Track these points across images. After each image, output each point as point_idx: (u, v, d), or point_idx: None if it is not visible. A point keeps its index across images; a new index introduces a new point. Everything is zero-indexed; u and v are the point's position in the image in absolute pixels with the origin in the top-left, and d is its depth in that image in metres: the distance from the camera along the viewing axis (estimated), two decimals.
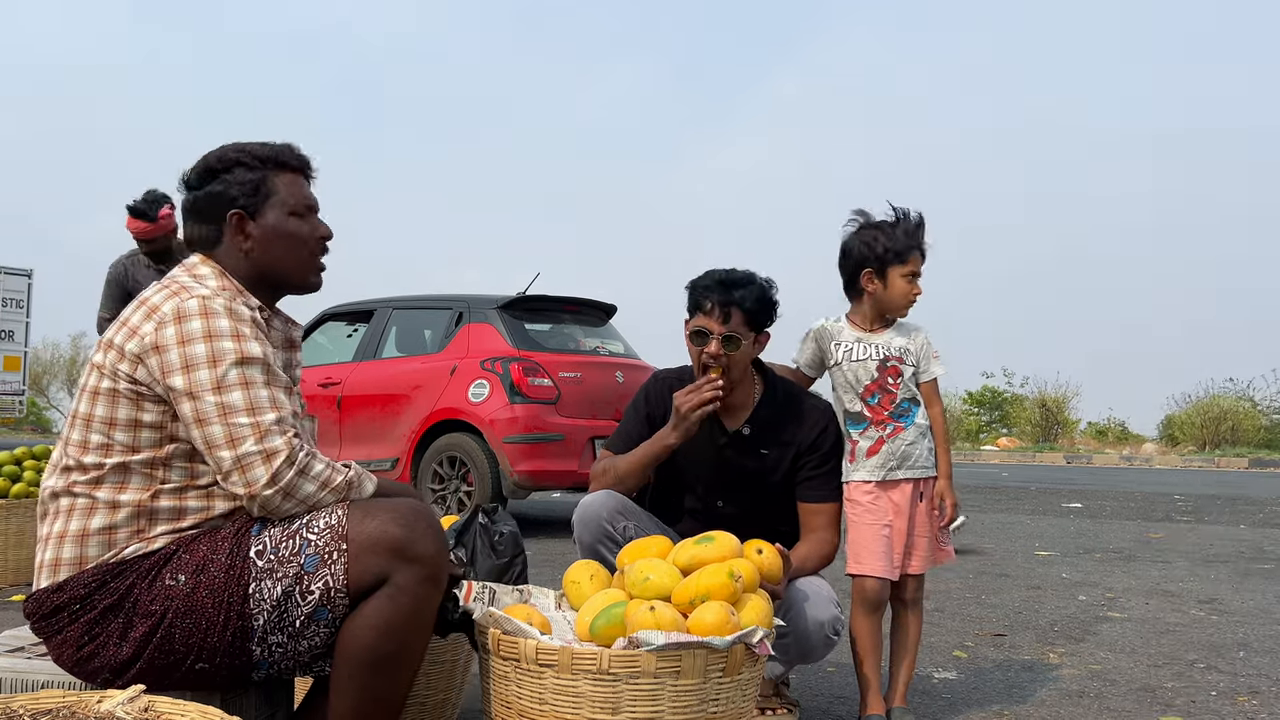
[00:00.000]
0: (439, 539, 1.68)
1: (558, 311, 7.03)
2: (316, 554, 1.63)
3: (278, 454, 1.62)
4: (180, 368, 1.63)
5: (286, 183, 1.85)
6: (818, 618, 2.25)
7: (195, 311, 1.66)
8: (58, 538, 1.68)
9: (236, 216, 1.80)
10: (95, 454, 1.67)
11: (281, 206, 1.83)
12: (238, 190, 1.81)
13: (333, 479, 1.68)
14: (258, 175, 1.82)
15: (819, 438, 2.44)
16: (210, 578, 1.62)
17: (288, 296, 1.93)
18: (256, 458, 1.62)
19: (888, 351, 2.46)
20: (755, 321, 2.34)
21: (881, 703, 2.44)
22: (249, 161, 1.82)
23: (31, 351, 15.43)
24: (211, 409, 1.62)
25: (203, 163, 1.83)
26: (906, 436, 2.44)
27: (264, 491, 1.62)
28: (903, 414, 2.45)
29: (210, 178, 1.82)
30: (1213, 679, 3.05)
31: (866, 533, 2.42)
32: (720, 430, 2.46)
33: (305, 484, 1.65)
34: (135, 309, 1.71)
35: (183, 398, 1.63)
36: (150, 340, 1.65)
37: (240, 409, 1.63)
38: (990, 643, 3.53)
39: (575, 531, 2.38)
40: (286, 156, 1.86)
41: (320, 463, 1.68)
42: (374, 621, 1.62)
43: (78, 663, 1.66)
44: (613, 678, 1.71)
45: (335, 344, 7.38)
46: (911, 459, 2.44)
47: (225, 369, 1.63)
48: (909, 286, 2.45)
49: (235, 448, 1.62)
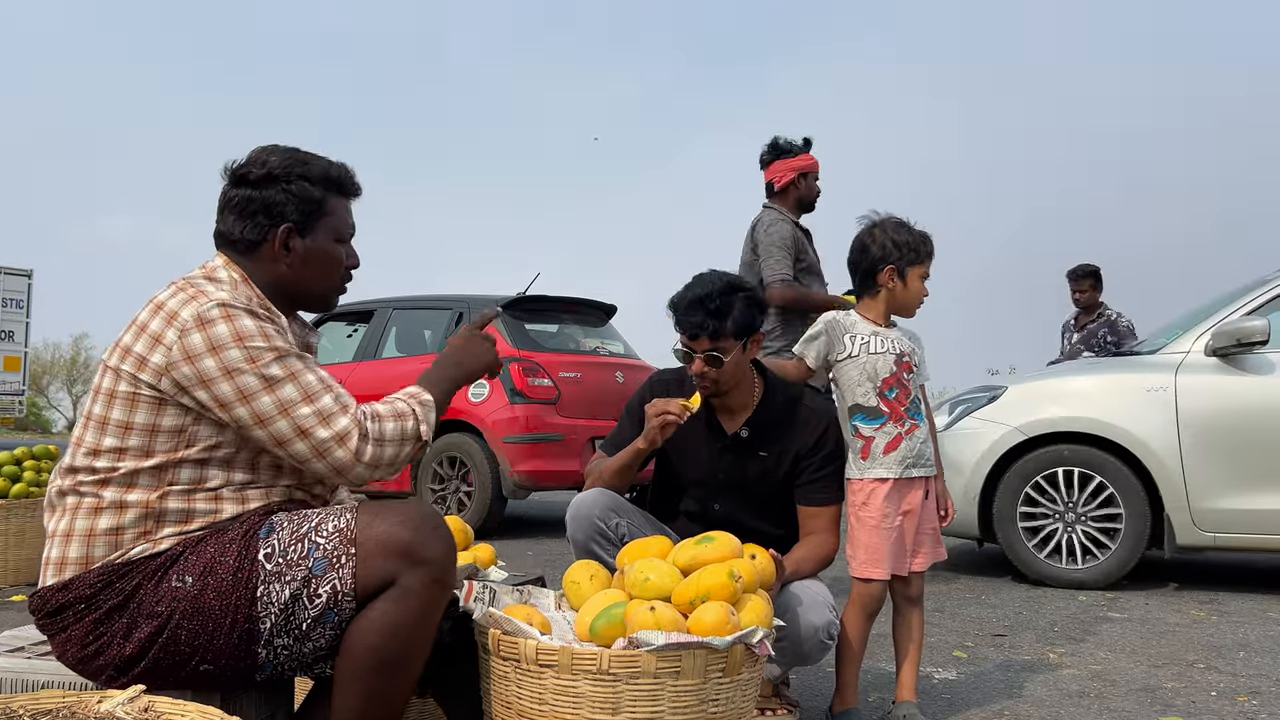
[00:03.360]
0: (446, 542, 1.69)
1: (558, 312, 7.03)
2: (325, 557, 1.63)
3: (350, 435, 1.67)
4: (221, 375, 1.63)
5: (340, 207, 1.87)
6: (813, 622, 2.24)
7: (218, 316, 1.65)
8: (64, 536, 1.68)
9: (287, 230, 1.80)
10: (108, 457, 1.67)
11: (330, 230, 1.85)
12: (296, 205, 1.81)
13: (407, 430, 1.73)
14: (319, 194, 1.83)
15: (819, 440, 2.42)
16: (218, 580, 1.62)
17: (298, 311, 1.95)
18: (331, 443, 1.66)
19: (902, 346, 2.47)
20: (740, 331, 2.32)
21: (858, 697, 2.47)
22: (314, 178, 1.83)
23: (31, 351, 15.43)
24: (270, 408, 1.64)
25: (264, 164, 1.81)
26: (921, 434, 2.46)
27: (356, 470, 1.68)
28: (916, 411, 2.47)
29: (271, 183, 1.80)
30: (1213, 679, 3.05)
31: (877, 535, 2.41)
32: (719, 432, 2.45)
33: (387, 449, 1.70)
34: (152, 314, 1.69)
35: (235, 404, 1.64)
36: (177, 351, 1.64)
37: (298, 400, 1.66)
38: (990, 643, 3.53)
39: (569, 530, 2.38)
40: (346, 182, 1.89)
41: (389, 421, 1.72)
42: (381, 624, 1.63)
43: (81, 661, 1.66)
44: (613, 678, 1.71)
45: (335, 344, 7.37)
46: (925, 457, 2.47)
47: (267, 365, 1.65)
48: (923, 289, 2.48)
49: (307, 439, 1.65)
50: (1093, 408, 4.67)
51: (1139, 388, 4.61)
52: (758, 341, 2.40)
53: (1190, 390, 4.51)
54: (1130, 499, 4.54)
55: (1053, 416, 4.72)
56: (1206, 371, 4.49)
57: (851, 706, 2.45)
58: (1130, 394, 4.62)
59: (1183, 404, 4.50)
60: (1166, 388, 4.55)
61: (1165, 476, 4.50)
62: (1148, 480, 4.55)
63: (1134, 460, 4.56)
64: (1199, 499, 4.45)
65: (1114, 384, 4.71)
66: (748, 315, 2.33)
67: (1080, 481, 4.65)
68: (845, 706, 2.45)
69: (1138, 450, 4.54)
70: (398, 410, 1.74)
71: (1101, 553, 4.60)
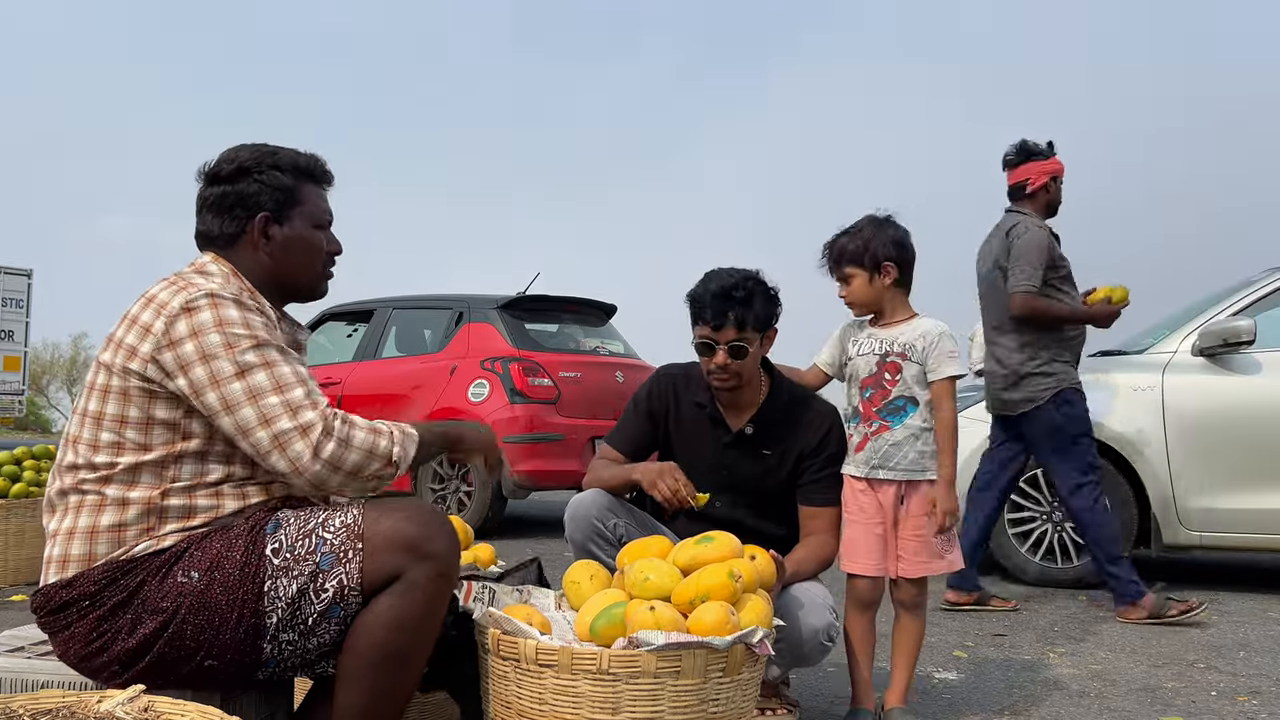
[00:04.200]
0: (451, 538, 1.70)
1: (558, 311, 7.03)
2: (332, 552, 1.64)
3: (313, 427, 1.63)
4: (199, 359, 1.64)
5: (313, 194, 1.89)
6: (812, 625, 2.24)
7: (204, 304, 1.67)
8: (67, 533, 1.68)
9: (264, 219, 1.82)
10: (106, 452, 1.67)
11: (307, 217, 1.87)
12: (270, 194, 1.83)
13: (378, 445, 1.68)
14: (291, 182, 1.85)
15: (822, 441, 2.43)
16: (225, 575, 1.62)
17: (291, 304, 1.95)
18: (293, 433, 1.63)
19: (890, 347, 2.43)
20: (760, 323, 2.34)
21: (871, 698, 2.45)
22: (285, 167, 1.85)
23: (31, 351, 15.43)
24: (239, 393, 1.63)
25: (235, 160, 1.84)
26: (891, 436, 2.40)
27: (311, 468, 1.63)
28: (894, 412, 2.41)
29: (243, 176, 1.83)
30: (1213, 679, 3.05)
31: (857, 530, 2.43)
32: (724, 429, 2.46)
33: (350, 454, 1.66)
34: (142, 306, 1.71)
35: (206, 388, 1.64)
36: (162, 337, 1.65)
37: (267, 389, 1.64)
38: (990, 643, 3.53)
39: (567, 530, 2.40)
40: (317, 169, 1.91)
41: (362, 430, 1.68)
42: (387, 618, 1.63)
43: (84, 658, 1.66)
44: (613, 678, 1.71)
45: (335, 344, 7.37)
46: (893, 460, 2.40)
47: (243, 353, 1.65)
48: (837, 291, 2.52)
49: (270, 426, 1.63)
50: None
51: (1126, 387, 4.62)
52: (771, 337, 2.41)
53: (1177, 390, 4.51)
54: (1117, 499, 4.54)
55: None
56: (1193, 371, 4.50)
57: (857, 706, 2.44)
58: (1117, 393, 4.63)
59: (1169, 404, 4.51)
60: (1153, 387, 4.56)
61: (1152, 476, 4.51)
62: (1134, 480, 4.56)
63: (1121, 460, 4.57)
64: (1185, 498, 4.46)
65: (1101, 383, 4.72)
66: (767, 308, 2.36)
67: None
68: (853, 705, 2.45)
69: (1124, 450, 4.55)
70: (375, 426, 1.72)
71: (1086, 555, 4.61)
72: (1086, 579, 4.58)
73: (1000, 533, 4.73)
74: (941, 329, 2.43)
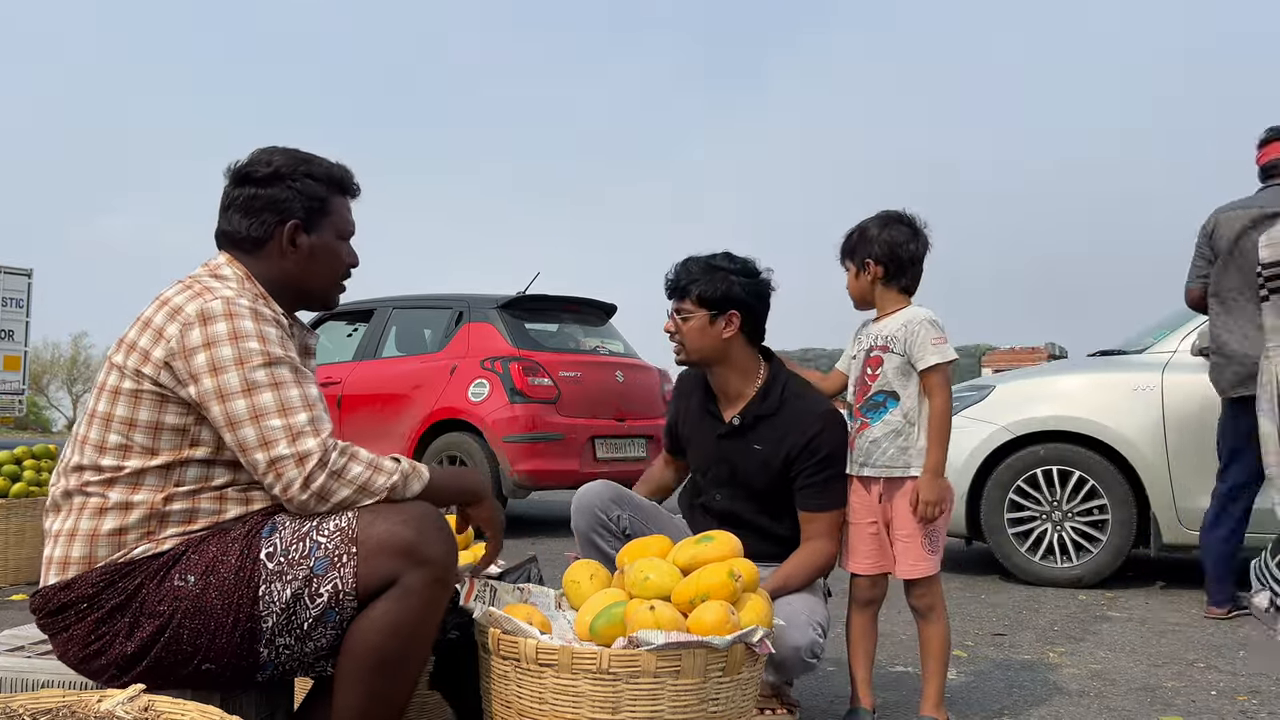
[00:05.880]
0: (448, 542, 1.69)
1: (558, 311, 7.03)
2: (326, 556, 1.63)
3: (309, 456, 1.62)
4: (208, 370, 1.63)
5: (342, 206, 1.91)
6: (794, 644, 2.18)
7: (220, 313, 1.66)
8: (68, 535, 1.68)
9: (294, 226, 1.82)
10: (113, 455, 1.67)
11: (333, 228, 1.88)
12: (302, 201, 1.83)
13: (372, 482, 1.67)
14: (324, 192, 1.86)
15: (813, 441, 2.35)
16: (220, 579, 1.62)
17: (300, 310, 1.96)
18: (289, 461, 1.62)
19: (873, 341, 2.40)
20: (708, 300, 2.36)
21: (870, 697, 2.43)
22: (319, 176, 1.86)
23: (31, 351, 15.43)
24: (243, 411, 1.63)
25: (270, 163, 1.84)
26: (870, 434, 2.36)
27: (299, 497, 1.63)
28: (873, 408, 2.37)
29: (277, 181, 1.83)
30: (1213, 679, 3.05)
31: (853, 529, 2.42)
32: (718, 421, 2.47)
33: (340, 488, 1.65)
34: (157, 309, 1.70)
35: (213, 401, 1.63)
36: (176, 344, 1.65)
37: (272, 411, 1.63)
38: (990, 643, 3.53)
39: (572, 520, 2.43)
40: (347, 181, 1.93)
41: (359, 464, 1.67)
42: (382, 623, 1.63)
43: (83, 660, 1.66)
44: (613, 677, 1.71)
45: (335, 343, 7.37)
46: (873, 457, 2.35)
47: (254, 370, 1.64)
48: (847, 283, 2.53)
49: (268, 450, 1.62)
50: (1080, 407, 4.68)
51: (1126, 387, 4.62)
52: (732, 320, 2.37)
53: (1177, 389, 4.51)
54: (1116, 498, 4.55)
55: (1040, 415, 4.72)
56: (1193, 371, 4.49)
57: (856, 706, 2.42)
58: (1117, 393, 4.63)
59: (1169, 403, 4.51)
60: (1153, 387, 4.56)
61: (1152, 476, 4.51)
62: (1134, 479, 4.56)
63: (1121, 459, 4.57)
64: (1185, 498, 4.46)
65: (1101, 383, 4.71)
66: (721, 288, 2.37)
67: (1063, 480, 4.65)
68: (852, 705, 2.44)
69: (1124, 449, 4.55)
70: (377, 463, 1.69)
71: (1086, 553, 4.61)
72: (1086, 579, 4.58)
73: (1000, 532, 4.73)
74: (924, 316, 2.34)
